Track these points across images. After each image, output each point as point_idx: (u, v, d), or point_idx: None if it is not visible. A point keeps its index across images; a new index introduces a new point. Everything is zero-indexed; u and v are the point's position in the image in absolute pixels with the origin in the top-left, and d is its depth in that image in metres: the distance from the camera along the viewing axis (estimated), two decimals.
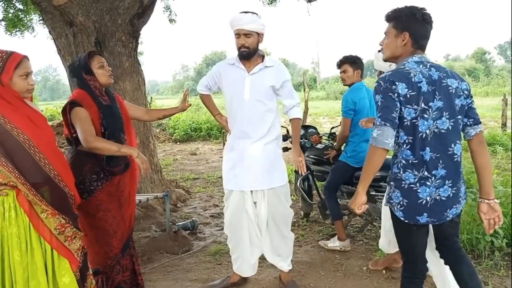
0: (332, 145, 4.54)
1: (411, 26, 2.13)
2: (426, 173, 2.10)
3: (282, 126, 4.86)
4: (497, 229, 3.57)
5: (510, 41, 59.21)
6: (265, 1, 9.13)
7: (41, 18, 8.29)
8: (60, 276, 2.23)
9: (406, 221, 2.16)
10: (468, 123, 2.22)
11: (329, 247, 4.01)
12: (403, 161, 2.13)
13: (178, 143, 12.62)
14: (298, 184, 4.76)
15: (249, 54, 2.92)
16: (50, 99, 61.83)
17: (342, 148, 4.15)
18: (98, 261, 2.72)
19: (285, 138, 4.67)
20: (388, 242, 3.39)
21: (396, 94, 2.03)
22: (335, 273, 3.51)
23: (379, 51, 2.51)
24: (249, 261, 3.19)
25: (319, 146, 4.50)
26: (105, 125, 2.65)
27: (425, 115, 2.06)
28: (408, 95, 2.04)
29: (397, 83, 2.04)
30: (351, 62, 3.92)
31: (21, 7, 7.61)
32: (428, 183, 2.10)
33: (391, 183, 2.21)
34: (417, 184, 2.11)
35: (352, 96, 3.86)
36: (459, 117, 2.16)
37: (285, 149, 4.98)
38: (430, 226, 2.30)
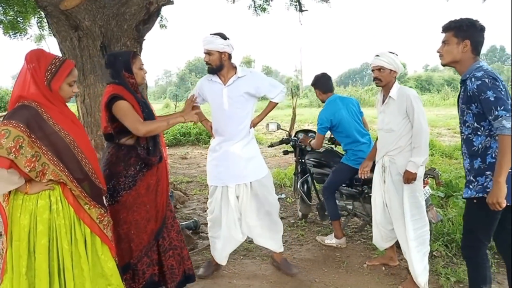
0: (332, 148, 4.74)
1: (472, 34, 2.46)
2: None
3: (282, 129, 5.06)
4: None
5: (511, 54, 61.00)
6: (257, 10, 9.34)
7: (39, 21, 8.37)
8: (105, 262, 2.41)
9: (509, 204, 2.35)
10: None
11: (326, 243, 4.22)
12: (497, 150, 2.34)
13: (167, 147, 12.66)
14: (297, 185, 4.93)
15: (213, 70, 3.39)
16: None
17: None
18: (126, 256, 2.82)
19: (287, 141, 4.85)
20: (380, 237, 3.61)
21: (500, 89, 2.33)
22: (337, 270, 3.70)
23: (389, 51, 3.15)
24: (221, 252, 3.56)
25: (319, 149, 4.68)
26: (145, 117, 2.80)
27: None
28: (504, 90, 2.36)
29: (497, 80, 2.34)
30: (314, 84, 4.34)
31: (19, 10, 7.63)
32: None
33: (487, 172, 2.41)
34: (510, 169, 2.33)
35: (326, 114, 4.12)
36: None
37: (286, 152, 5.18)
38: None
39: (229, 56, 3.39)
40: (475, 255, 2.54)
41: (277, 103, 3.61)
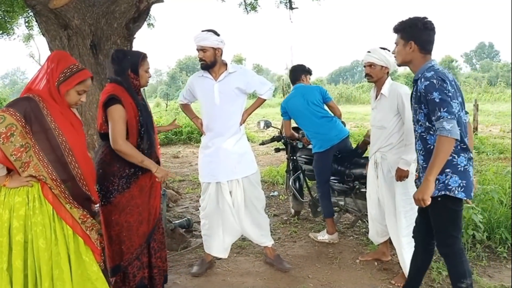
0: None
1: (415, 35, 2.49)
2: (470, 155, 2.49)
3: (274, 127, 5.08)
4: (479, 224, 3.86)
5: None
6: (247, 8, 9.35)
7: (27, 21, 8.30)
8: (89, 265, 2.37)
9: (467, 199, 2.46)
10: (466, 113, 2.63)
11: (318, 239, 4.24)
12: (455, 148, 2.41)
13: (159, 146, 12.59)
14: (289, 183, 4.95)
15: (207, 66, 3.42)
16: None
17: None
18: (117, 258, 2.78)
19: (279, 138, 4.86)
20: (376, 232, 3.64)
21: (447, 91, 2.36)
22: (330, 266, 3.72)
23: (381, 47, 3.25)
24: (222, 245, 3.60)
25: (310, 146, 4.70)
26: (141, 122, 2.76)
27: (460, 108, 2.46)
28: (452, 91, 2.39)
29: (446, 81, 2.38)
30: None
31: (6, 9, 7.56)
32: (471, 162, 2.50)
33: (447, 170, 2.45)
34: (468, 165, 2.47)
35: (283, 102, 4.54)
36: None
37: (277, 150, 5.19)
38: None
39: (221, 52, 3.43)
40: (452, 251, 2.57)
41: (265, 100, 3.70)
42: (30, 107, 2.20)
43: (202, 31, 3.40)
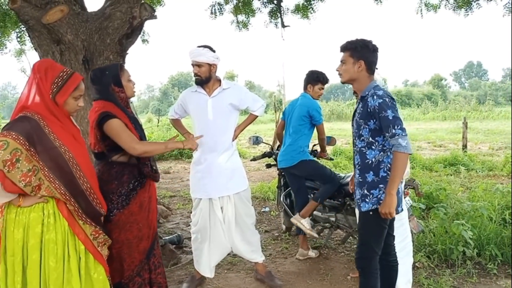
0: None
1: (365, 55, 2.60)
2: None
3: (265, 143, 5.09)
4: (469, 241, 3.88)
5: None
6: (239, 26, 9.44)
7: (19, 35, 8.29)
8: (96, 282, 2.33)
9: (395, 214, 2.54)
10: None
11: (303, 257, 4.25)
12: (389, 165, 2.55)
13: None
14: (280, 199, 4.94)
15: (202, 81, 3.44)
16: (8, 117, 59.45)
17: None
18: (117, 276, 2.69)
19: (270, 154, 4.87)
20: None
21: (396, 108, 2.49)
22: (321, 282, 3.71)
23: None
24: (208, 263, 3.56)
25: None
26: (137, 134, 2.72)
27: None
28: (398, 110, 2.51)
29: (394, 100, 2.52)
30: None
31: None
32: (402, 179, 2.61)
33: (380, 185, 2.57)
34: (399, 182, 2.53)
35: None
36: None
37: (268, 166, 5.19)
38: None
39: (216, 68, 3.48)
40: (369, 265, 2.68)
41: (257, 116, 3.73)
42: (31, 128, 2.10)
43: (198, 46, 3.42)
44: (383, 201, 2.50)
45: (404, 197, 3.51)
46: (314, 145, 4.90)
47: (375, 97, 2.51)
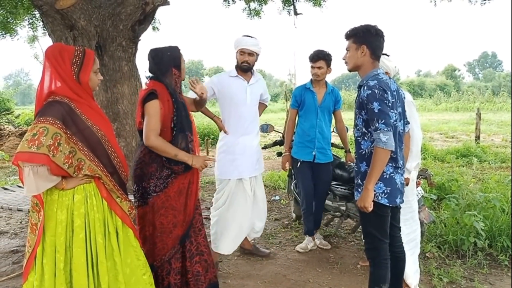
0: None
1: (368, 39, 2.56)
2: (399, 164, 2.57)
3: (276, 131, 5.08)
4: (480, 232, 3.86)
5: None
6: (251, 13, 9.39)
7: (31, 22, 8.33)
8: (140, 252, 2.49)
9: (390, 205, 2.54)
10: (406, 123, 2.73)
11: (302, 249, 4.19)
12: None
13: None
14: (291, 187, 4.95)
15: (248, 69, 3.67)
16: (21, 104, 59.77)
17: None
18: (149, 257, 2.66)
19: (281, 143, 4.86)
20: None
21: (387, 101, 2.43)
22: (331, 270, 3.71)
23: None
24: (233, 240, 3.66)
25: None
26: (175, 121, 2.68)
27: (398, 118, 2.56)
28: (392, 101, 2.47)
29: (387, 91, 2.44)
30: None
31: (10, 10, 7.59)
32: (399, 171, 2.58)
33: None
34: (394, 173, 2.55)
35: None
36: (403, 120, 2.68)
37: (279, 154, 5.18)
38: None
39: None
40: (378, 255, 2.66)
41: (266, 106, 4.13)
42: (64, 111, 2.15)
43: (244, 35, 3.65)
44: (361, 194, 2.49)
45: (416, 187, 3.50)
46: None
47: (365, 87, 2.48)
